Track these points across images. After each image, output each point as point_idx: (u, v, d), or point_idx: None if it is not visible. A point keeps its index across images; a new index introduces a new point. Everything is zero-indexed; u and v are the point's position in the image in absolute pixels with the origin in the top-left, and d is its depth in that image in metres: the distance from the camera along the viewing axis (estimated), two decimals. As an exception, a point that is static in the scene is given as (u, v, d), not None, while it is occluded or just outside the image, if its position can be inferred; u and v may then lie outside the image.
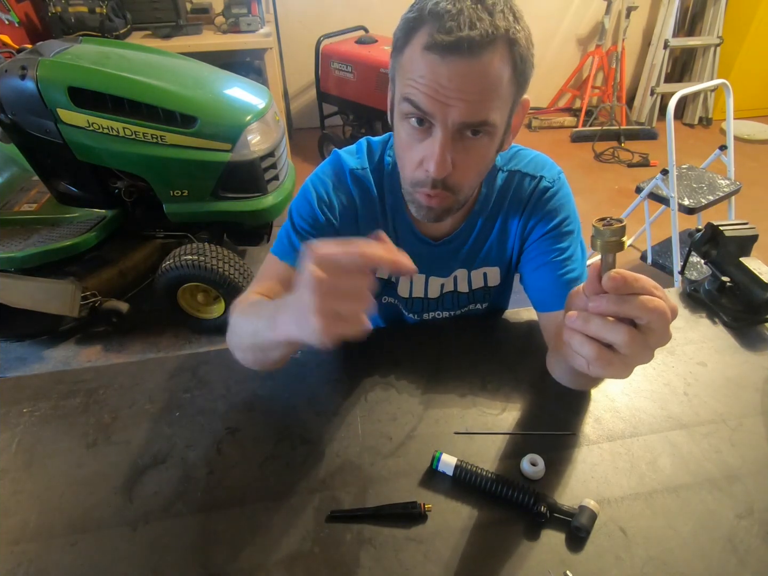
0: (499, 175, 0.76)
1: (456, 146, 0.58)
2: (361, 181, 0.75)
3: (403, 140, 0.62)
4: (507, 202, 0.76)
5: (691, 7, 3.58)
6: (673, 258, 1.98)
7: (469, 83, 0.53)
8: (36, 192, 1.96)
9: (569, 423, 0.68)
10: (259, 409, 0.70)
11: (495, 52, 0.53)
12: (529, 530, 0.56)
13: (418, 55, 0.54)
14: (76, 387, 0.74)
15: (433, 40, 0.52)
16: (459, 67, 0.52)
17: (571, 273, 0.72)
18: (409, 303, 0.86)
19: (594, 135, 3.45)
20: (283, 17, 3.24)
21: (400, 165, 0.66)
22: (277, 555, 0.54)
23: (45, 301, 1.70)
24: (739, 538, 0.55)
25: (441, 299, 0.86)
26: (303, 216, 0.74)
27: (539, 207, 0.74)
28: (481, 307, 0.88)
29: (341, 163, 0.76)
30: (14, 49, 1.90)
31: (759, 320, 0.82)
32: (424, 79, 0.54)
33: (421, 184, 0.62)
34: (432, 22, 0.53)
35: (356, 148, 0.78)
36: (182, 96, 1.68)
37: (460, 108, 0.54)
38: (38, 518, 0.58)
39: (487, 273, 0.82)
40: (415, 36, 0.55)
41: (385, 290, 0.86)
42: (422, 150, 0.59)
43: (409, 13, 0.56)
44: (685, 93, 1.93)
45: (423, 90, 0.55)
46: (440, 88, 0.53)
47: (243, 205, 1.83)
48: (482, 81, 0.53)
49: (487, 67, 0.53)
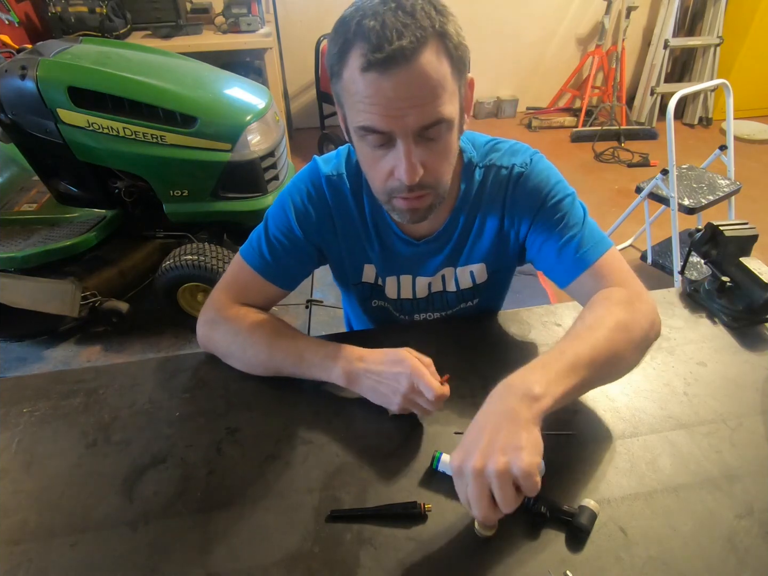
0: (476, 171, 0.76)
1: (420, 148, 0.59)
2: (336, 187, 0.76)
3: (367, 157, 0.63)
4: (486, 197, 0.76)
5: (691, 7, 3.58)
6: (673, 258, 1.98)
7: (414, 89, 0.54)
8: (36, 192, 1.96)
9: (569, 423, 0.68)
10: (259, 409, 0.70)
11: (429, 51, 0.54)
12: (529, 530, 0.56)
13: (359, 78, 0.55)
14: (76, 387, 0.74)
15: (367, 60, 0.53)
16: (400, 77, 0.53)
17: (573, 239, 0.70)
18: (398, 304, 0.86)
19: (594, 135, 3.45)
20: (283, 17, 3.24)
21: (370, 180, 0.67)
22: (277, 555, 0.54)
23: (45, 301, 1.70)
24: (739, 538, 0.55)
25: (430, 299, 0.86)
26: (278, 226, 0.76)
27: (518, 194, 0.74)
28: (472, 304, 0.87)
29: (317, 170, 0.76)
30: (14, 49, 1.90)
31: (759, 320, 0.82)
32: (370, 98, 0.55)
33: (397, 191, 0.63)
34: (361, 42, 0.53)
35: (335, 154, 0.79)
36: (182, 96, 1.68)
37: (413, 114, 0.55)
38: (38, 518, 0.58)
39: (473, 271, 0.82)
40: (349, 59, 0.55)
41: (373, 293, 0.86)
42: (389, 162, 0.60)
43: (335, 36, 0.57)
44: (685, 93, 1.93)
45: (373, 111, 0.55)
46: (389, 102, 0.54)
47: (243, 205, 1.83)
48: (426, 83, 0.54)
49: (426, 68, 0.54)
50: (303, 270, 0.81)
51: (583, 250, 0.70)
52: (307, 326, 2.04)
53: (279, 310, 2.11)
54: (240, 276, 0.78)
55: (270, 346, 0.71)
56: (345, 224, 0.78)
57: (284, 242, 0.76)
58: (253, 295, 0.78)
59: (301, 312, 2.10)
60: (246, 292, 0.78)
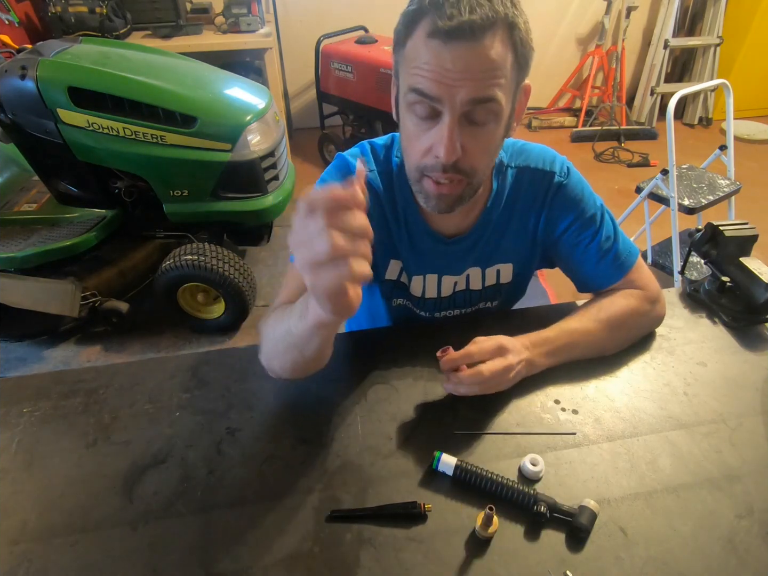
0: (508, 171, 0.76)
1: (464, 131, 0.58)
2: (369, 183, 0.75)
3: (410, 131, 0.62)
4: (521, 199, 0.77)
5: (691, 7, 3.58)
6: (673, 258, 1.98)
7: (473, 64, 0.54)
8: (36, 192, 1.96)
9: (569, 423, 0.68)
10: (259, 409, 0.70)
11: (496, 35, 0.54)
12: (529, 530, 0.56)
13: (422, 44, 0.55)
14: (76, 387, 0.74)
15: (435, 27, 0.53)
16: (462, 51, 0.54)
17: (610, 251, 0.77)
18: (422, 302, 0.86)
19: (594, 135, 3.45)
20: (283, 17, 3.24)
21: (407, 155, 0.66)
22: (277, 555, 0.54)
23: (45, 301, 1.70)
24: (739, 538, 0.55)
25: (453, 297, 0.86)
26: None
27: (557, 202, 0.76)
28: (491, 305, 0.88)
29: (348, 166, 0.75)
30: (14, 49, 1.90)
31: (759, 320, 0.82)
32: (428, 65, 0.55)
33: (430, 169, 0.62)
34: (433, 12, 0.54)
35: (360, 151, 0.78)
36: (182, 96, 1.68)
37: (466, 88, 0.55)
38: (38, 518, 0.58)
39: (500, 270, 0.83)
40: (417, 27, 0.56)
41: (395, 292, 0.86)
42: (430, 138, 0.60)
43: (408, 7, 0.57)
44: (685, 93, 1.93)
45: (428, 76, 0.55)
46: (445, 72, 0.54)
47: (243, 205, 1.83)
48: (486, 62, 0.54)
49: (489, 49, 0.54)
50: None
51: (620, 261, 0.78)
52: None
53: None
54: (290, 276, 0.76)
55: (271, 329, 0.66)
56: (376, 219, 0.77)
57: None
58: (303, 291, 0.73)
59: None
60: (296, 290, 0.73)
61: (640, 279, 0.79)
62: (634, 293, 0.78)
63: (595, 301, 0.78)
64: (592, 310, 0.76)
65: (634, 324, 0.77)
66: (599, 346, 0.75)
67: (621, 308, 0.75)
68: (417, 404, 0.70)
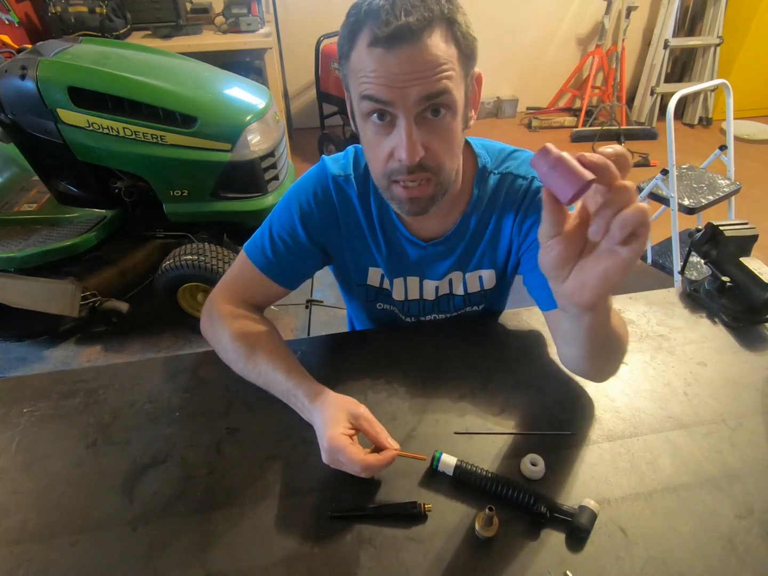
0: (491, 177, 0.75)
1: (422, 130, 0.59)
2: (342, 188, 0.76)
3: (369, 139, 0.63)
4: (500, 204, 0.76)
5: (691, 7, 3.58)
6: (673, 258, 1.98)
7: (418, 64, 0.55)
8: (36, 192, 1.96)
9: (569, 423, 0.68)
10: (259, 409, 0.70)
11: (434, 32, 0.55)
12: (529, 530, 0.56)
13: (365, 54, 0.56)
14: (76, 387, 0.74)
15: (375, 36, 0.54)
16: (405, 53, 0.54)
17: None
18: (406, 306, 0.86)
19: (594, 135, 3.45)
20: (283, 17, 3.24)
21: (372, 165, 0.66)
22: (277, 555, 0.54)
23: (45, 301, 1.70)
24: (739, 538, 0.55)
25: (437, 302, 0.86)
26: (283, 225, 0.76)
27: (533, 207, 0.74)
28: (478, 309, 0.88)
29: (325, 170, 0.76)
30: (14, 49, 1.90)
31: (759, 320, 0.82)
32: (375, 72, 0.56)
33: (396, 173, 0.62)
34: (370, 21, 0.55)
35: (343, 155, 0.78)
36: (182, 96, 1.68)
37: (416, 87, 0.55)
38: (38, 518, 0.58)
39: (482, 276, 0.82)
40: (358, 38, 0.57)
41: (379, 297, 0.86)
42: (390, 143, 0.60)
43: (348, 18, 0.58)
44: (685, 93, 1.93)
45: (377, 82, 0.56)
46: (393, 76, 0.55)
47: (243, 205, 1.83)
48: (430, 59, 0.55)
49: (431, 47, 0.55)
50: (305, 270, 0.81)
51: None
52: (307, 326, 2.04)
53: (279, 310, 2.11)
54: (243, 272, 0.79)
55: (247, 359, 0.71)
56: (350, 225, 0.77)
57: (288, 242, 0.75)
58: (253, 292, 0.79)
59: (301, 312, 2.10)
60: (246, 289, 0.78)
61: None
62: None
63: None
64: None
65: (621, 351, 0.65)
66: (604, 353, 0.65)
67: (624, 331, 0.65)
68: (417, 404, 0.70)
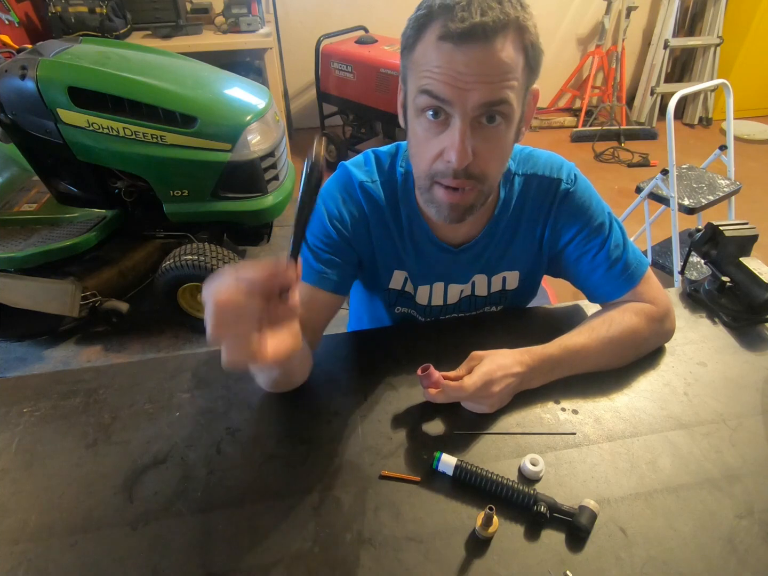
0: (516, 179, 0.75)
1: (475, 135, 0.58)
2: (371, 194, 0.75)
3: (419, 136, 0.61)
4: (528, 207, 0.76)
5: (691, 7, 3.58)
6: (673, 258, 1.98)
7: (485, 67, 0.54)
8: (36, 192, 1.96)
9: (569, 423, 0.68)
10: (259, 409, 0.70)
11: (507, 38, 0.54)
12: (529, 530, 0.56)
13: (432, 48, 0.55)
14: (76, 387, 0.74)
15: (447, 30, 0.53)
16: (474, 53, 0.53)
17: (618, 261, 0.75)
18: (427, 310, 0.86)
19: (594, 135, 3.45)
20: (283, 17, 3.24)
21: (416, 163, 0.65)
22: (277, 555, 0.54)
23: (45, 301, 1.70)
24: (739, 538, 0.55)
25: (458, 304, 0.86)
26: (316, 235, 0.74)
27: (563, 210, 0.75)
28: (496, 309, 0.88)
29: (350, 177, 0.75)
30: (14, 49, 1.90)
31: (759, 320, 0.82)
32: (440, 68, 0.54)
33: (441, 174, 0.61)
34: (443, 15, 0.54)
35: (364, 160, 0.77)
36: (182, 96, 1.68)
37: (478, 91, 0.54)
38: (38, 518, 0.58)
39: (506, 277, 0.82)
40: (427, 31, 0.56)
41: (399, 301, 0.85)
42: (440, 143, 0.59)
43: (417, 11, 0.57)
44: (685, 93, 1.92)
45: (440, 78, 0.55)
46: (458, 75, 0.54)
47: (243, 205, 1.83)
48: (498, 64, 0.54)
49: (500, 52, 0.54)
50: (350, 270, 0.77)
51: (629, 272, 0.75)
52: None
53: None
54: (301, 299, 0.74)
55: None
56: (379, 231, 0.76)
57: (325, 243, 0.73)
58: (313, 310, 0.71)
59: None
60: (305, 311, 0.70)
61: (650, 292, 0.76)
62: (644, 309, 0.74)
63: (604, 314, 0.75)
64: (601, 326, 0.72)
65: (642, 343, 0.75)
66: (604, 363, 0.73)
67: (630, 327, 0.72)
68: (417, 404, 0.70)
